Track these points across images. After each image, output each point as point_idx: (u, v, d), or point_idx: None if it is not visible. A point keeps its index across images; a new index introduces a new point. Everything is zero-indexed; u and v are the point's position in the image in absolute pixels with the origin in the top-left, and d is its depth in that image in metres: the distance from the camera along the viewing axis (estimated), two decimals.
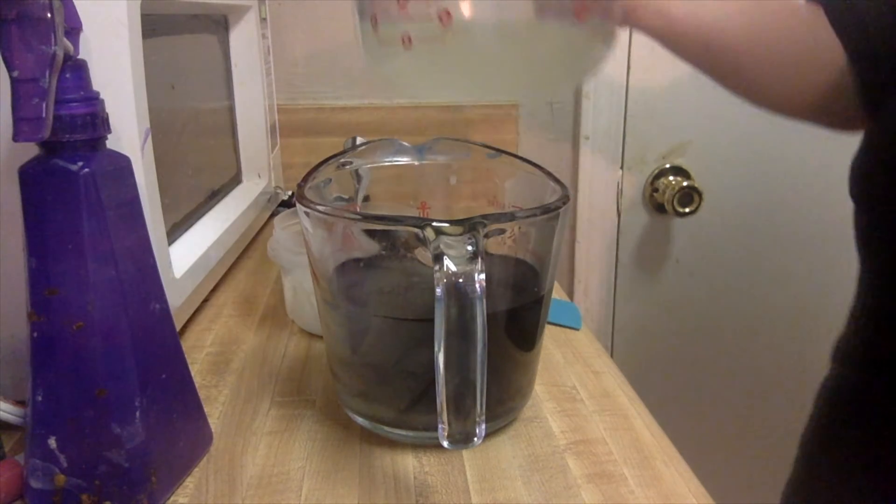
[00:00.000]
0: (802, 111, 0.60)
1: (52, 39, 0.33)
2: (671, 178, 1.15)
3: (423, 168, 0.51)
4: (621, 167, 1.15)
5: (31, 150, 0.36)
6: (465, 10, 0.50)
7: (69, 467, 0.37)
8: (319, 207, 0.39)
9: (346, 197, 0.48)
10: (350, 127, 1.05)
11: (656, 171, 1.16)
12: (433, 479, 0.42)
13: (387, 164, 0.50)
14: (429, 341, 0.33)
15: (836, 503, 0.48)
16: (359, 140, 0.50)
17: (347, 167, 0.48)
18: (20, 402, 0.42)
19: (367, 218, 0.40)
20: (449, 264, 0.33)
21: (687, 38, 0.57)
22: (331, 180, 0.47)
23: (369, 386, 0.44)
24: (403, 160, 0.50)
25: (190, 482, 0.41)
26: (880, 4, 0.53)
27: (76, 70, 0.36)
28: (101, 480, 0.37)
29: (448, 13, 0.49)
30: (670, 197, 1.12)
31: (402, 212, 0.51)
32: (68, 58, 0.35)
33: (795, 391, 1.09)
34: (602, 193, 1.15)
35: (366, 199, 0.51)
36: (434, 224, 0.34)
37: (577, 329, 0.61)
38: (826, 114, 0.59)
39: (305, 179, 0.43)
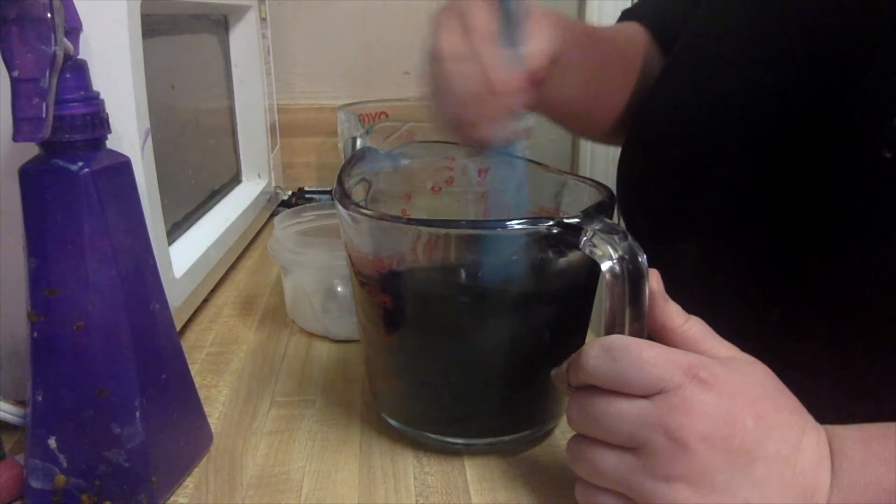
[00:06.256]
0: (608, 135, 0.65)
1: (52, 39, 0.33)
2: None
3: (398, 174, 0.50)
4: None
5: (31, 150, 0.36)
6: None
7: (69, 467, 0.37)
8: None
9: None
10: None
11: None
12: (433, 479, 0.42)
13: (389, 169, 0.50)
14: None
15: None
16: (359, 142, 0.50)
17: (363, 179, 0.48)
18: (20, 402, 0.42)
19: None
20: (611, 251, 0.35)
21: None
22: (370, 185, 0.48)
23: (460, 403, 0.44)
24: (386, 166, 0.50)
25: (190, 482, 0.41)
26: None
27: (76, 70, 0.36)
28: (101, 480, 0.37)
29: None
30: None
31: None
32: (68, 58, 0.35)
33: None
34: None
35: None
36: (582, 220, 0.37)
37: None
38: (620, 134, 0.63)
39: (345, 192, 0.42)
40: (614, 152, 0.69)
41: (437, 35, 0.42)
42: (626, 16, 0.65)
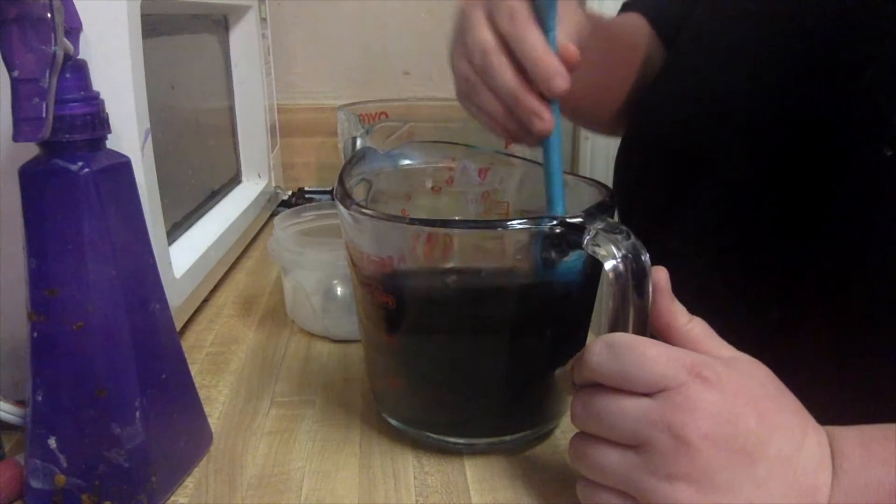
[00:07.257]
0: (610, 126, 0.64)
1: (52, 39, 0.33)
2: None
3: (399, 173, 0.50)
4: None
5: (31, 150, 0.36)
6: None
7: (69, 467, 0.37)
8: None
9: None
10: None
11: None
12: (433, 479, 0.42)
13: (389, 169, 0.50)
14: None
15: None
16: (359, 142, 0.50)
17: (363, 179, 0.48)
18: (20, 402, 0.42)
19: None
20: (615, 250, 0.35)
21: None
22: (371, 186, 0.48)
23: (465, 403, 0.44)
24: (386, 166, 0.50)
25: (190, 482, 0.41)
26: None
27: (76, 70, 0.36)
28: (101, 480, 0.37)
29: None
30: None
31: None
32: (68, 58, 0.35)
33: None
34: None
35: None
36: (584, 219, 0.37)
37: None
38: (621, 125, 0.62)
39: (347, 192, 0.42)
40: (614, 152, 0.69)
41: (471, 29, 0.40)
42: (627, 6, 0.65)
